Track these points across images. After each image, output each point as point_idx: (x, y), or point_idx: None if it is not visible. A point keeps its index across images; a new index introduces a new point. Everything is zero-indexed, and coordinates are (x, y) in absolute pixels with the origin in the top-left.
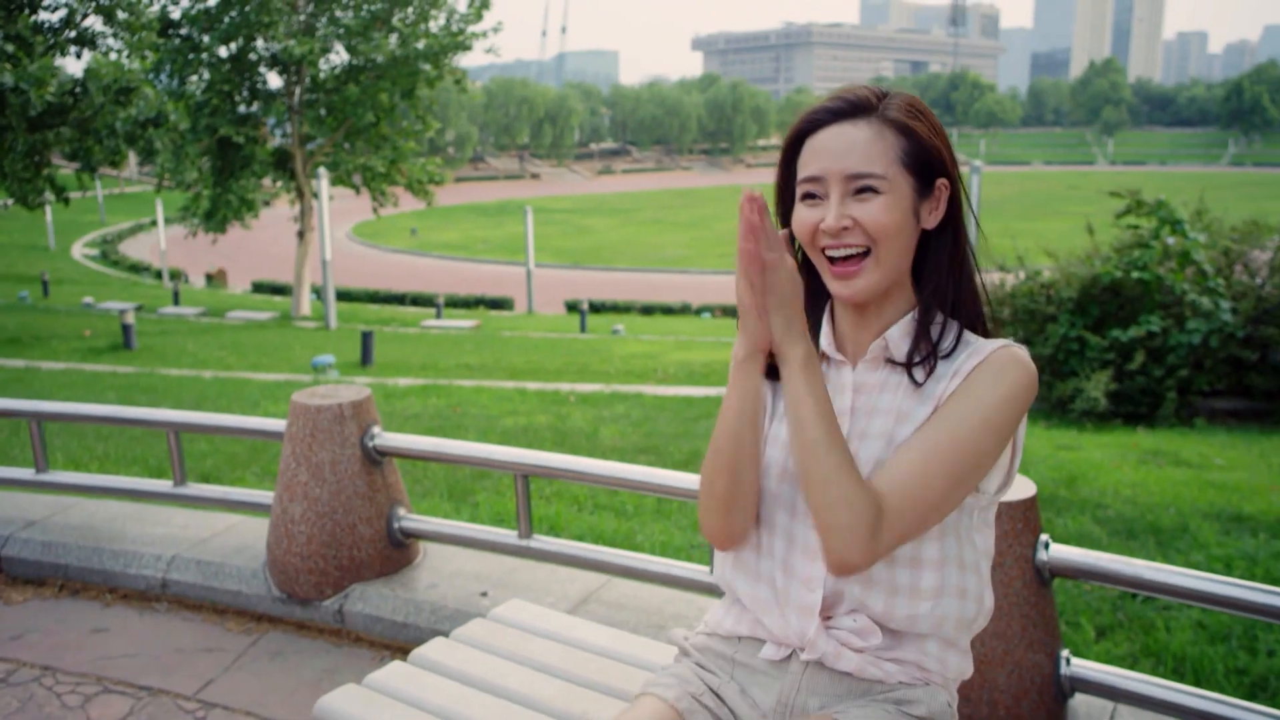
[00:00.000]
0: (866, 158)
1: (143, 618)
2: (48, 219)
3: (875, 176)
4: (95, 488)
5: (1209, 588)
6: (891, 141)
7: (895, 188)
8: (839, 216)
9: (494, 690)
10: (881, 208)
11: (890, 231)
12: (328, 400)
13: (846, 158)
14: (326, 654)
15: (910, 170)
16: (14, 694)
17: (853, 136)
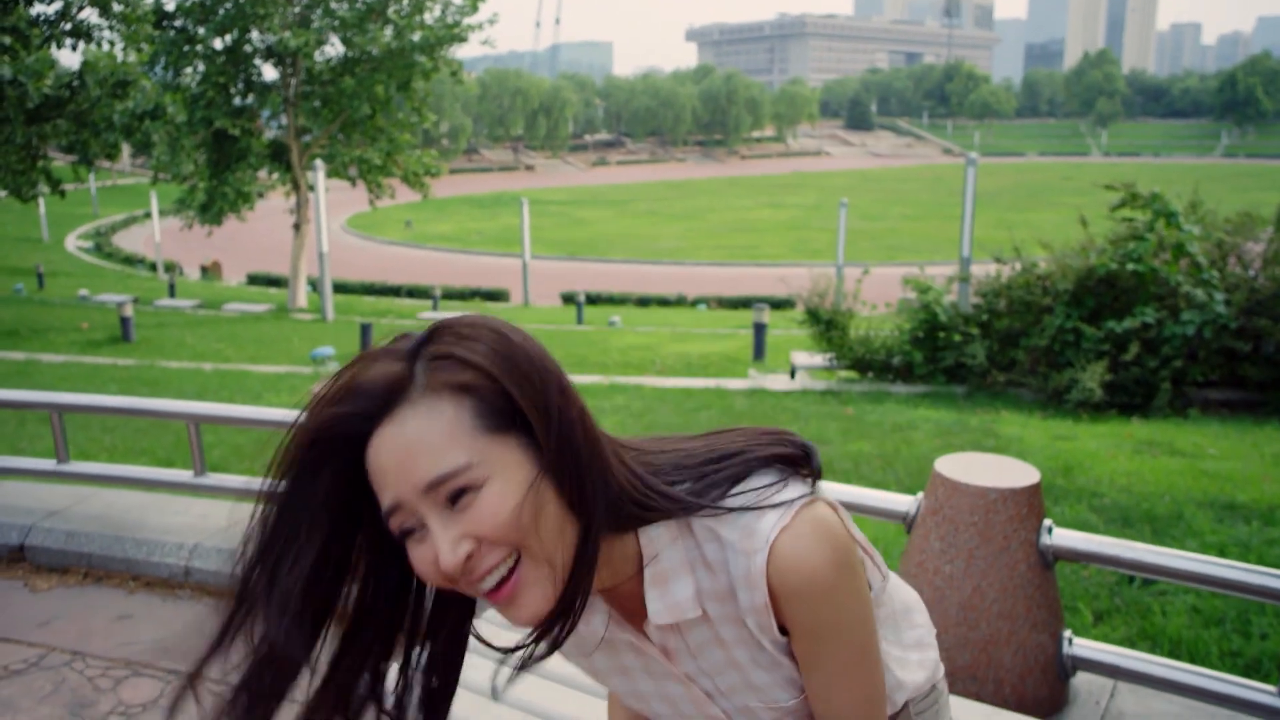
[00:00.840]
0: (439, 456)
1: (166, 605)
2: (41, 211)
3: (461, 473)
4: (118, 478)
5: (1205, 569)
6: (457, 412)
7: (495, 466)
8: (453, 547)
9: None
10: (492, 503)
11: (521, 523)
12: None
13: (414, 467)
14: None
15: (500, 431)
16: (46, 677)
17: (407, 430)
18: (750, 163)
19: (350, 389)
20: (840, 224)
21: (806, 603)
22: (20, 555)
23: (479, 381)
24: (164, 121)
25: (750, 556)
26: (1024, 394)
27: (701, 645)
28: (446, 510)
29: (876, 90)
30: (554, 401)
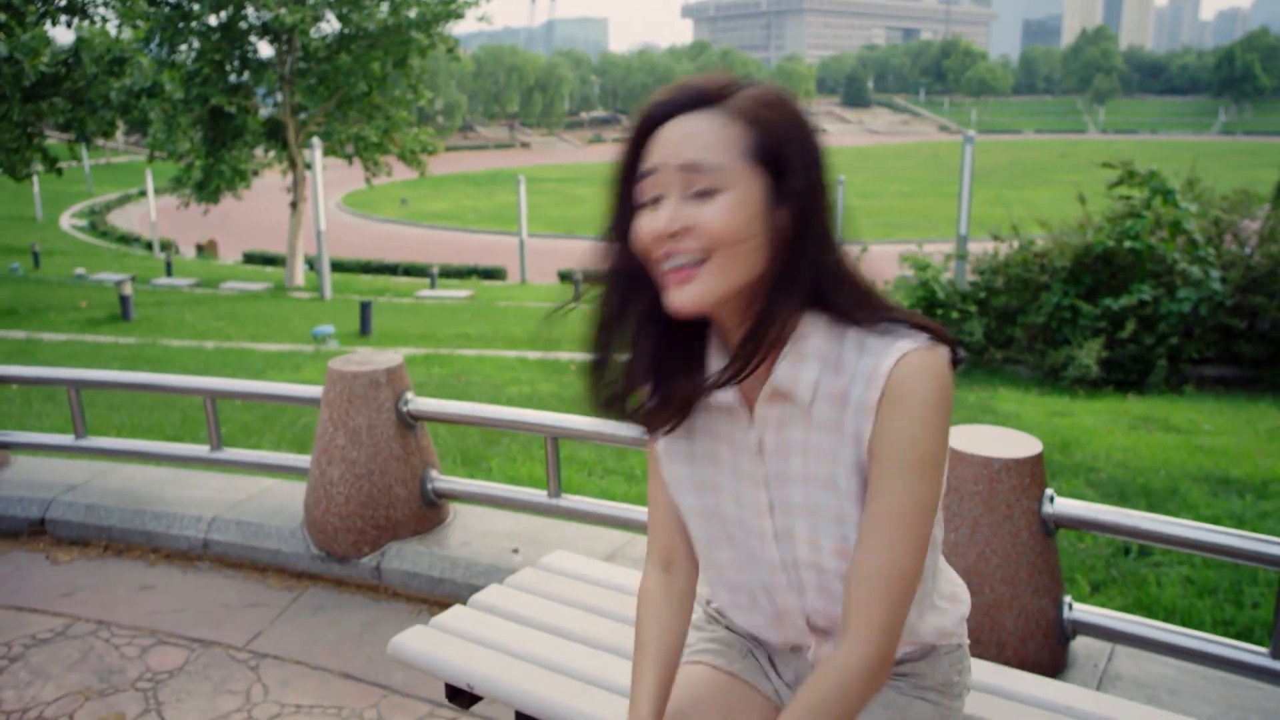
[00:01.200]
0: (705, 148)
1: (186, 576)
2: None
3: (712, 170)
4: (135, 452)
5: (1200, 536)
6: (737, 132)
7: (739, 185)
8: (671, 220)
9: (551, 629)
10: (720, 209)
11: (729, 236)
12: (364, 367)
13: (682, 148)
14: (366, 608)
15: (759, 165)
16: (74, 646)
17: (693, 126)
18: None
19: (684, 84)
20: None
21: (906, 410)
22: (41, 529)
23: (771, 124)
24: (161, 99)
25: (882, 357)
26: (1021, 371)
27: (791, 447)
28: (686, 197)
29: (873, 67)
30: (815, 162)
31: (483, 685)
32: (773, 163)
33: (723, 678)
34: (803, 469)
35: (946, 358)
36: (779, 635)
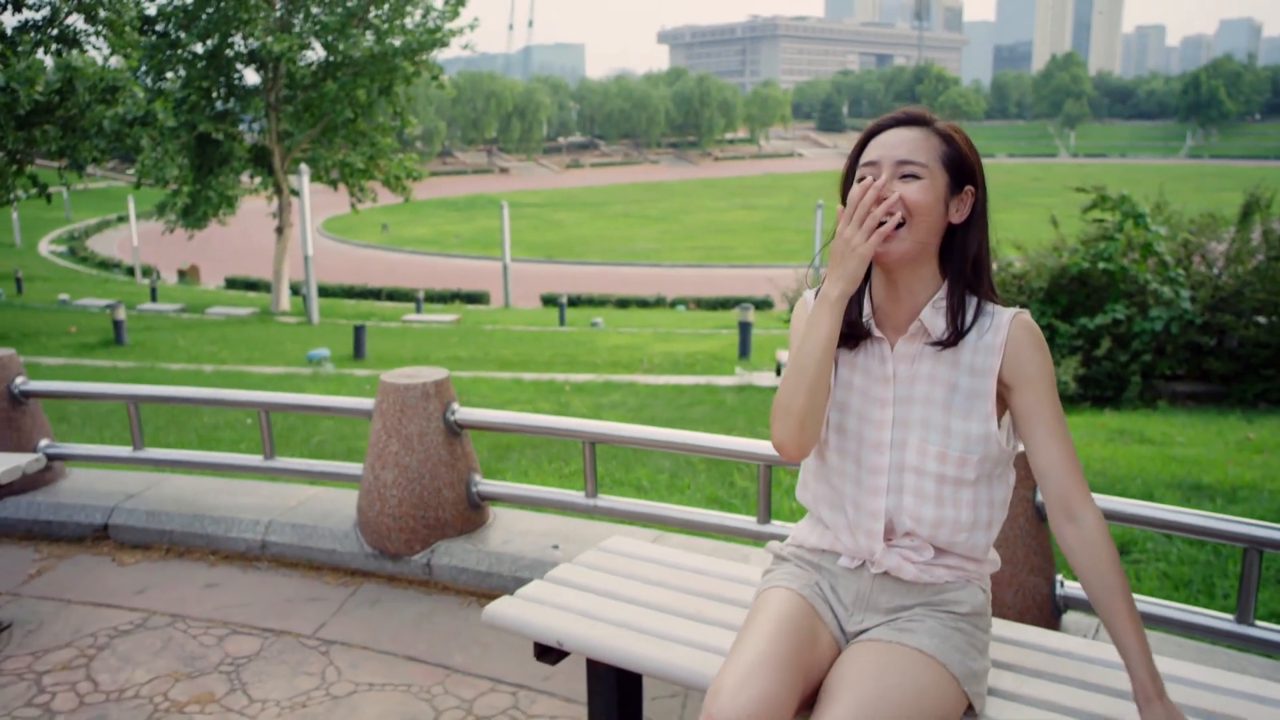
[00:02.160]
0: (914, 150)
1: (247, 574)
2: (13, 216)
3: (918, 164)
4: (193, 463)
5: (1177, 518)
6: (935, 144)
7: (933, 178)
8: (888, 183)
9: (619, 598)
10: (920, 189)
11: (924, 209)
12: (414, 380)
13: (898, 149)
14: (419, 601)
15: (946, 169)
16: (154, 636)
17: (906, 135)
18: (723, 164)
19: (908, 111)
20: (816, 226)
21: (1034, 351)
22: (104, 534)
23: (962, 145)
24: (156, 126)
25: (1001, 315)
26: None
27: (918, 376)
28: (895, 175)
29: (848, 92)
30: (980, 179)
31: (569, 642)
32: (955, 169)
33: (800, 602)
34: (925, 393)
35: None
36: (851, 541)
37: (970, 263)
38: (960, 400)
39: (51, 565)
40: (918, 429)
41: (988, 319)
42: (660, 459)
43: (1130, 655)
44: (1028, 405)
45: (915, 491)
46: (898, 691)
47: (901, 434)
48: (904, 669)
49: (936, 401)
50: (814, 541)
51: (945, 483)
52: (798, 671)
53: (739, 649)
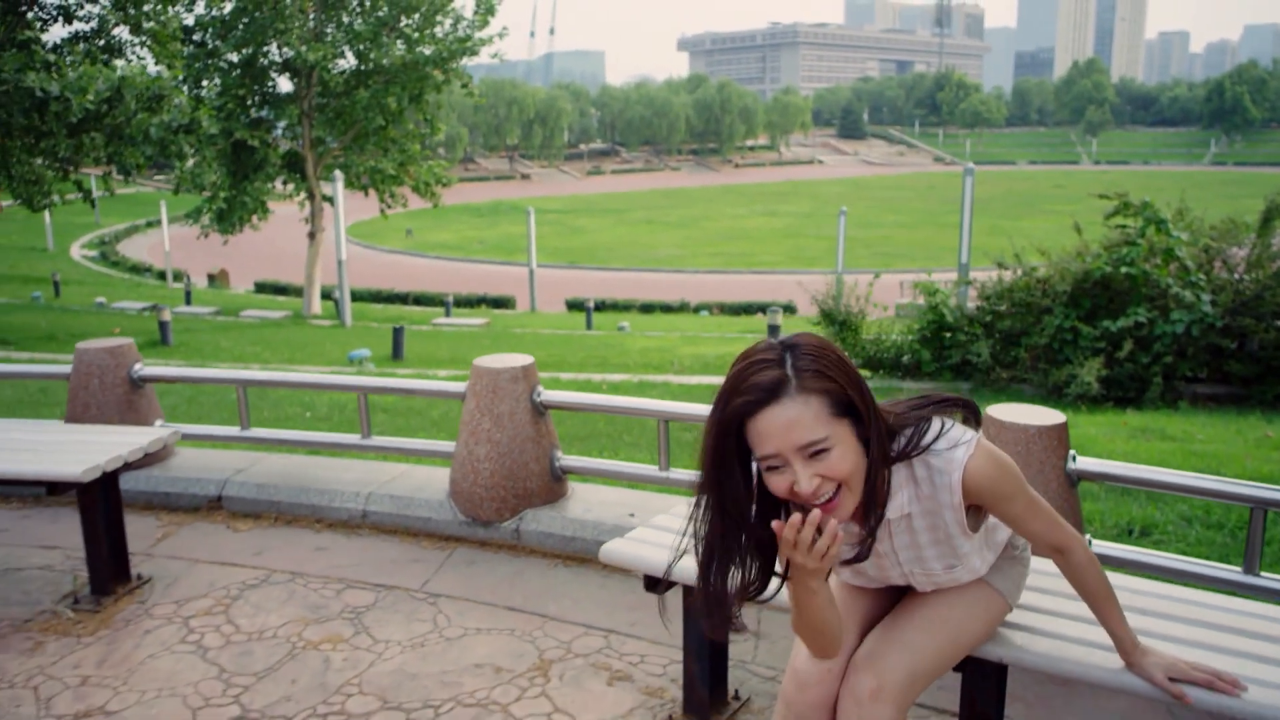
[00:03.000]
0: (807, 429)
1: (351, 540)
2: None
3: (821, 440)
4: (298, 441)
5: (1191, 482)
6: (816, 405)
7: (840, 438)
8: (809, 480)
9: None
10: (838, 457)
11: (851, 470)
12: (506, 364)
13: (791, 435)
14: (510, 562)
15: (844, 416)
16: (279, 589)
17: (788, 416)
18: (744, 171)
19: (749, 385)
20: (839, 232)
21: (990, 495)
22: (218, 504)
23: (832, 386)
24: (196, 134)
25: (950, 475)
26: (1026, 389)
27: (908, 541)
28: (806, 459)
29: (868, 99)
30: (869, 400)
31: (676, 573)
32: (848, 408)
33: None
34: (911, 542)
35: (985, 445)
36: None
37: (885, 454)
38: (943, 538)
39: (173, 531)
40: (920, 563)
41: (938, 474)
42: None
43: (1114, 634)
44: (1003, 514)
45: (925, 579)
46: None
47: (909, 567)
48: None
49: (933, 543)
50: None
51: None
52: (859, 616)
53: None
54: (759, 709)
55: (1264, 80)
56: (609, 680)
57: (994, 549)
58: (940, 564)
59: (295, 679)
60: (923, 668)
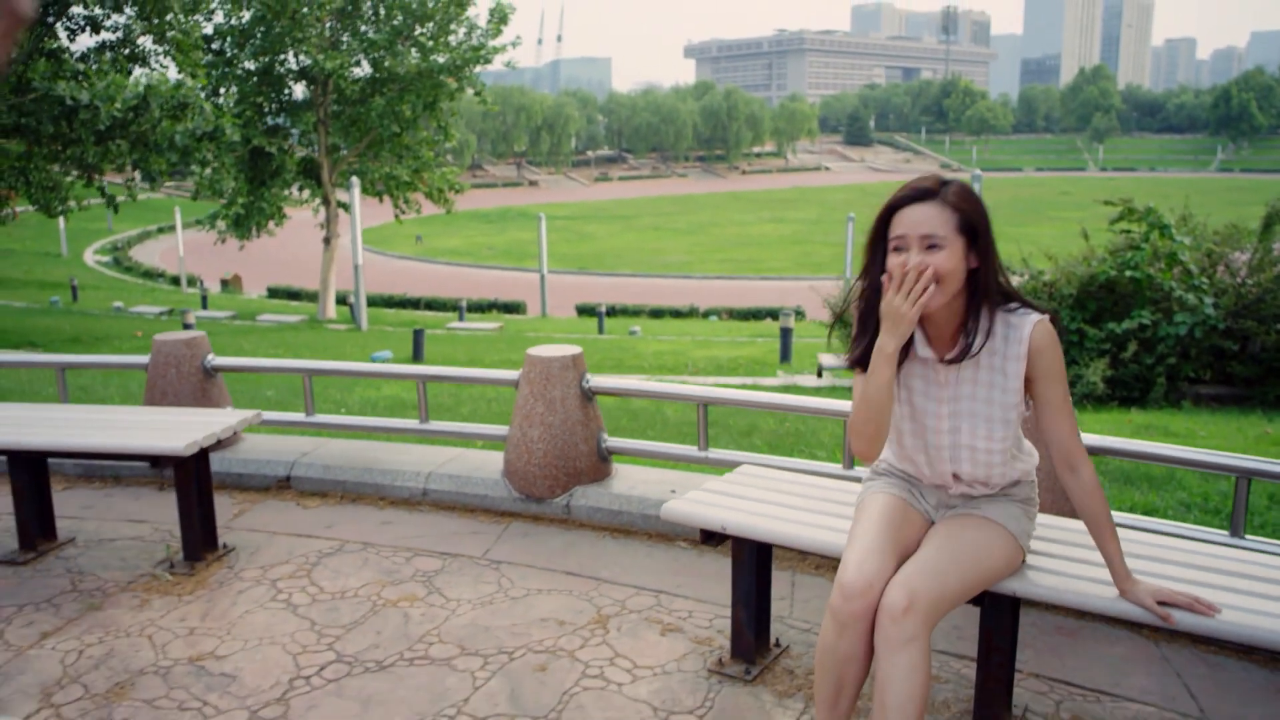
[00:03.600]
0: (933, 225)
1: (414, 515)
2: (60, 227)
3: (939, 238)
4: (359, 426)
5: (1181, 454)
6: (948, 215)
7: (952, 245)
8: (920, 261)
9: (755, 500)
10: (944, 258)
11: (949, 273)
12: (556, 354)
13: (920, 225)
14: (562, 534)
15: (962, 234)
16: (354, 557)
17: (924, 212)
18: (751, 178)
19: (908, 186)
20: (848, 238)
21: (1045, 361)
22: (287, 484)
23: (965, 210)
24: (219, 141)
25: (1025, 327)
26: None
27: (963, 380)
28: (923, 248)
29: (875, 106)
30: (989, 238)
31: (731, 526)
32: (968, 230)
33: (895, 499)
34: (971, 393)
35: (1050, 322)
36: (931, 473)
37: (990, 291)
38: (997, 395)
39: (248, 508)
40: (967, 420)
41: (1014, 329)
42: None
43: (1110, 560)
44: (1043, 392)
45: (969, 460)
46: (968, 548)
47: (956, 423)
48: (975, 531)
49: (979, 399)
50: (903, 467)
51: (991, 452)
52: (896, 547)
53: (854, 538)
54: (796, 655)
55: (1271, 87)
56: (661, 631)
57: (1022, 464)
58: (983, 435)
59: (380, 630)
60: (948, 592)
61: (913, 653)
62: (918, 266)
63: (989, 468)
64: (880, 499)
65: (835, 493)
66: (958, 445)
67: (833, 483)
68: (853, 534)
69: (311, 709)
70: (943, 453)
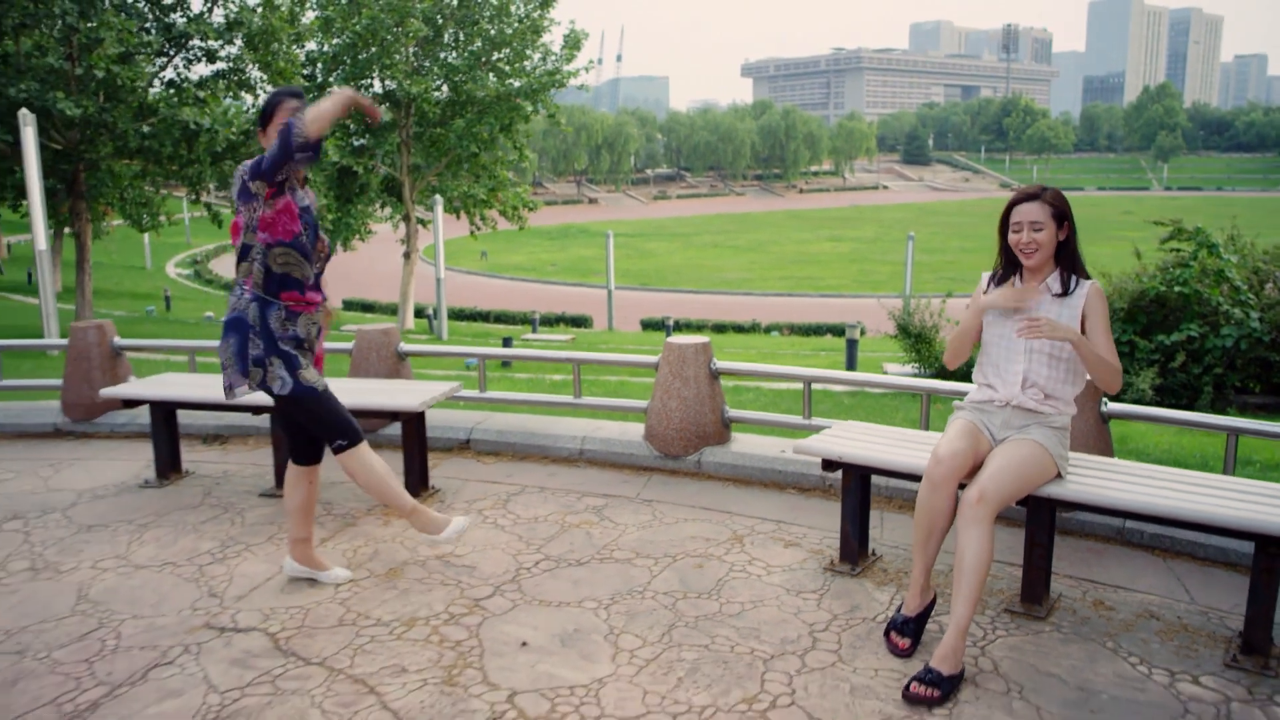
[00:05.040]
0: (1036, 215)
1: (573, 470)
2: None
3: (1040, 222)
4: (525, 401)
5: (1185, 417)
6: (1047, 209)
7: (1048, 227)
8: (1028, 236)
9: (860, 440)
10: (1043, 235)
11: (1045, 243)
12: (690, 341)
13: (1028, 215)
14: (694, 484)
15: (1054, 219)
16: (535, 496)
17: (1032, 207)
18: (808, 196)
19: (1022, 190)
20: (908, 256)
21: (1097, 308)
22: (466, 446)
23: (1056, 207)
24: (322, 162)
25: (1085, 285)
26: None
27: (1047, 312)
28: (1031, 230)
29: (933, 124)
30: (1073, 228)
31: (847, 455)
32: (1059, 217)
33: (972, 422)
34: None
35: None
36: (1002, 389)
37: (1071, 257)
38: (1067, 319)
39: (438, 463)
40: (1043, 342)
41: (1079, 288)
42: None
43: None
44: (1093, 325)
45: (1037, 363)
46: (1019, 457)
47: (1034, 343)
48: (1025, 447)
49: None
50: (979, 398)
51: (1052, 361)
52: (971, 446)
53: (944, 437)
54: (888, 562)
55: None
56: (784, 546)
57: (1075, 386)
58: (1053, 356)
59: (571, 542)
60: (1006, 489)
61: (982, 529)
62: (1014, 284)
63: (1050, 371)
64: (963, 418)
65: (914, 437)
66: (1029, 350)
67: (911, 431)
68: (943, 436)
69: (538, 585)
70: (1019, 355)
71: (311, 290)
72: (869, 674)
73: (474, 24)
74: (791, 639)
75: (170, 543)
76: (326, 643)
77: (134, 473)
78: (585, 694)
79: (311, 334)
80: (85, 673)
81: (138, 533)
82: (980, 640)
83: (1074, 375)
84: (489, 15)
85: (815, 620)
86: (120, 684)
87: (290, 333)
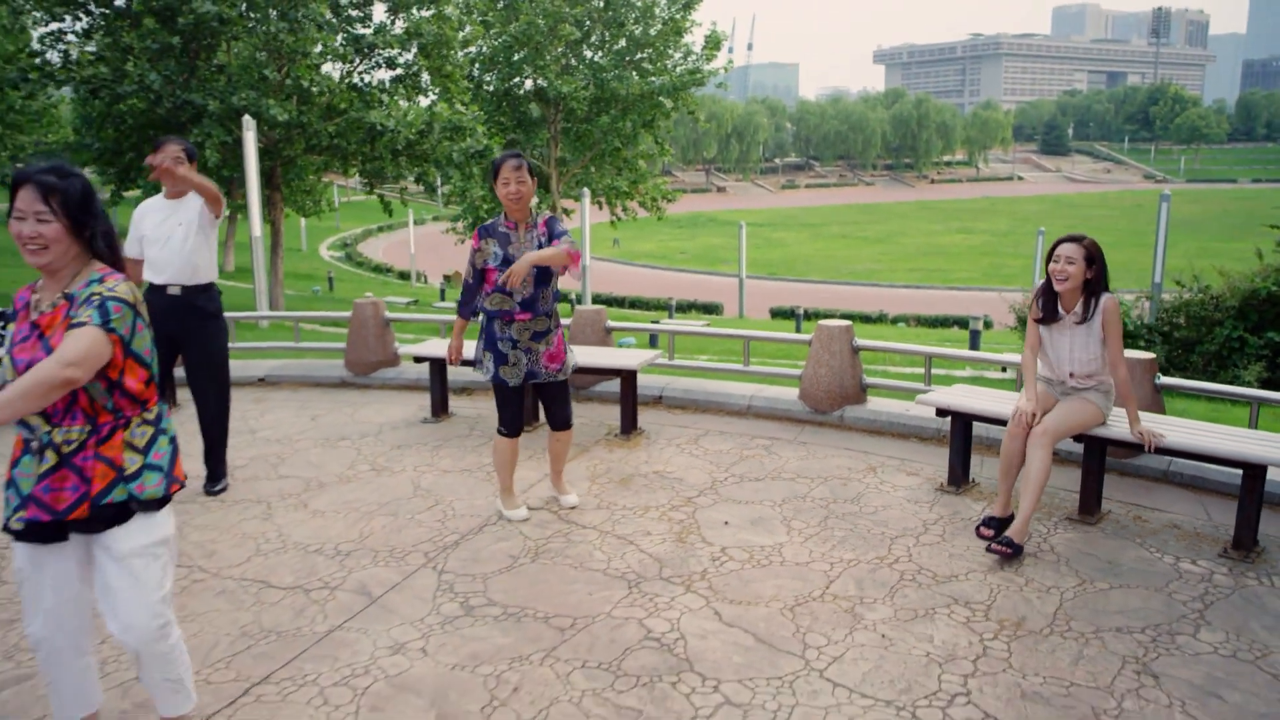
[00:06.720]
0: (1071, 255)
1: (743, 421)
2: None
3: (1073, 260)
4: (702, 367)
5: (1217, 387)
6: (1081, 251)
7: (1079, 264)
8: (1061, 269)
9: (969, 396)
10: (1074, 269)
11: (1075, 275)
12: (835, 325)
13: (1066, 251)
14: (838, 434)
15: (1084, 261)
16: (716, 436)
17: (1070, 248)
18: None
19: (1064, 237)
20: (1037, 250)
21: (1112, 320)
22: (659, 401)
23: (1088, 249)
24: (487, 158)
25: (1105, 300)
26: None
27: (1078, 329)
28: (1065, 261)
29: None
30: (1103, 266)
31: (954, 405)
32: (1089, 260)
33: (1042, 384)
34: (1082, 332)
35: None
36: (1057, 378)
37: (1096, 289)
38: (1093, 334)
39: (641, 413)
40: (1080, 348)
41: (1098, 306)
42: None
43: (1130, 416)
44: (1112, 334)
45: (1080, 365)
46: (1072, 408)
47: (1073, 349)
48: (1077, 402)
49: (1081, 335)
50: (1046, 374)
51: (1087, 361)
52: (1040, 408)
53: (1021, 399)
54: (982, 488)
55: None
56: (906, 474)
57: (1104, 374)
58: (1085, 355)
59: (750, 467)
60: (1064, 425)
61: (1043, 451)
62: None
63: (1087, 368)
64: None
65: (1002, 396)
66: (1071, 359)
67: (1002, 392)
68: (1021, 398)
69: (730, 490)
70: (1064, 362)
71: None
72: (963, 548)
73: (620, 25)
74: (910, 527)
75: (460, 458)
76: (592, 517)
77: (412, 413)
78: (771, 550)
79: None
80: (440, 527)
81: (434, 450)
82: (1044, 535)
83: (1100, 360)
84: (634, 17)
85: (928, 518)
86: (466, 533)
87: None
